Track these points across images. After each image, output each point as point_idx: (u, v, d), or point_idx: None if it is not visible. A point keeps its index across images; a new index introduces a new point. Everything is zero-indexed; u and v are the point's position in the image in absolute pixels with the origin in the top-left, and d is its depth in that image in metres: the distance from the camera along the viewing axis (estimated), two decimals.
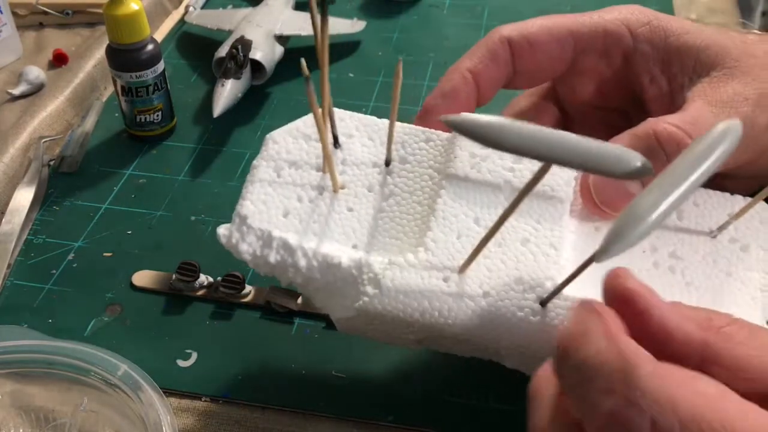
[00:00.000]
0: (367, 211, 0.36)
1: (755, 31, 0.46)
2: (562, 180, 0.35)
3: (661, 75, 0.39)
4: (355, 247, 0.35)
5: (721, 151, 0.24)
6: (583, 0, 0.78)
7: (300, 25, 0.67)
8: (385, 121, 0.38)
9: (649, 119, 0.36)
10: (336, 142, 0.37)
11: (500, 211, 0.34)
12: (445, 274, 0.33)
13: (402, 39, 0.72)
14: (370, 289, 0.33)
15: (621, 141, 0.35)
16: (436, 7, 0.78)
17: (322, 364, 0.42)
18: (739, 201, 0.37)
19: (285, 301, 0.44)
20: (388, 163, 0.37)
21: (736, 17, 0.75)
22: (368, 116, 0.38)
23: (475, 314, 0.32)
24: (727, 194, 0.37)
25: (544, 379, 0.27)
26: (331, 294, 0.35)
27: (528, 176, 0.35)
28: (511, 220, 0.33)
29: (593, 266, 0.27)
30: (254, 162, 0.36)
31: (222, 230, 0.35)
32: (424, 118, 0.40)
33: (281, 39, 0.66)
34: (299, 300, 0.44)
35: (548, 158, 0.25)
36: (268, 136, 0.37)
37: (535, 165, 0.35)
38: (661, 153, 0.34)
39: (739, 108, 0.35)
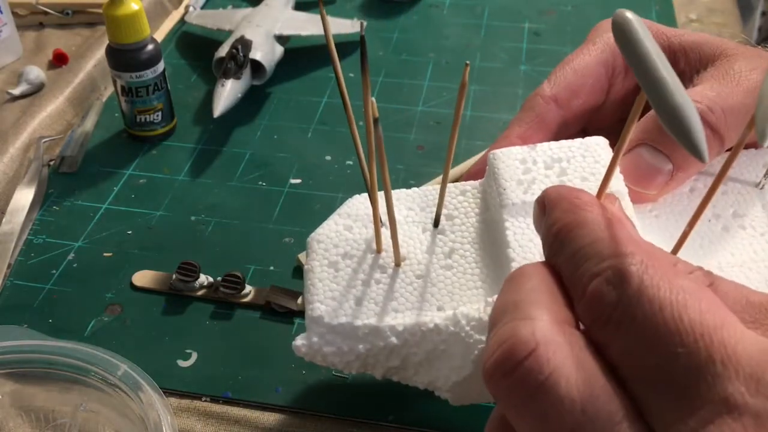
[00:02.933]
0: (437, 273, 0.35)
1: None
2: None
3: None
4: (440, 309, 0.34)
5: None
6: (583, 0, 0.78)
7: (300, 25, 0.67)
8: (416, 190, 0.38)
9: None
10: (380, 221, 0.36)
11: None
12: None
13: (402, 39, 0.72)
14: (480, 336, 0.32)
15: (641, 122, 0.36)
16: (436, 7, 0.78)
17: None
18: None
19: (285, 301, 0.44)
20: (437, 224, 0.36)
21: (736, 17, 0.75)
22: (398, 190, 0.38)
23: None
24: (752, 150, 0.38)
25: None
26: (435, 362, 0.34)
27: (577, 183, 0.34)
28: None
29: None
30: (306, 267, 0.36)
31: (299, 341, 0.34)
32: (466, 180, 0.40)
33: (281, 39, 0.66)
34: (299, 300, 0.44)
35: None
36: (309, 238, 0.37)
37: (580, 180, 0.34)
38: None
39: (750, 76, 0.37)
